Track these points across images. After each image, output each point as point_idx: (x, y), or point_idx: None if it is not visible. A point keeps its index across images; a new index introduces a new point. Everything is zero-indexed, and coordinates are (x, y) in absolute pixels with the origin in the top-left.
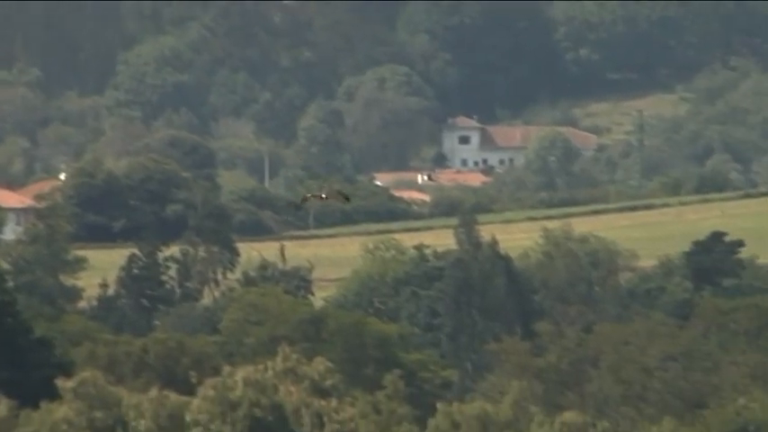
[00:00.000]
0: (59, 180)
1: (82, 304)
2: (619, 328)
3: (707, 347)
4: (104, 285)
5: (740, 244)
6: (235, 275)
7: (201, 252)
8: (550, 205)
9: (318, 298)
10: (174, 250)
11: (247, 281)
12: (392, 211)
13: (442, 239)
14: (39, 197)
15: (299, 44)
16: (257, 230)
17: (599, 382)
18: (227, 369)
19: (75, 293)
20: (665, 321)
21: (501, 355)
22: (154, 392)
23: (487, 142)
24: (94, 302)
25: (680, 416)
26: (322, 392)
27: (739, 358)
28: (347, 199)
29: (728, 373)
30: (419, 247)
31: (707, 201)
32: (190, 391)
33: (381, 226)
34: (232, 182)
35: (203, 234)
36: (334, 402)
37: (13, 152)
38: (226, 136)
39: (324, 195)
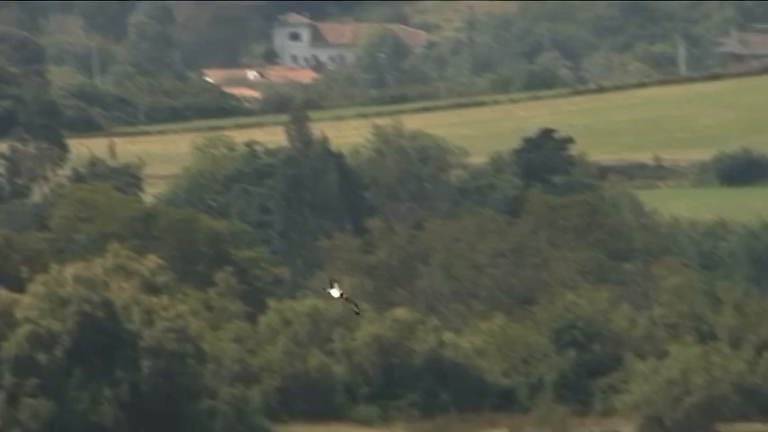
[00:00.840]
0: None
1: None
2: (449, 225)
3: (537, 244)
4: None
5: (570, 141)
6: (65, 172)
7: (31, 148)
8: (381, 102)
9: (149, 195)
10: (2, 147)
11: (77, 177)
12: (223, 108)
13: (272, 136)
14: None
15: None
16: (87, 127)
17: (430, 278)
18: (56, 266)
19: None
20: (496, 218)
21: (332, 252)
22: None
23: (318, 39)
24: None
25: (510, 312)
26: (153, 289)
27: (568, 254)
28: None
29: (558, 268)
30: (250, 144)
31: (537, 98)
32: (20, 287)
33: (212, 122)
34: (61, 78)
35: (33, 130)
36: (165, 299)
37: None
38: (55, 32)
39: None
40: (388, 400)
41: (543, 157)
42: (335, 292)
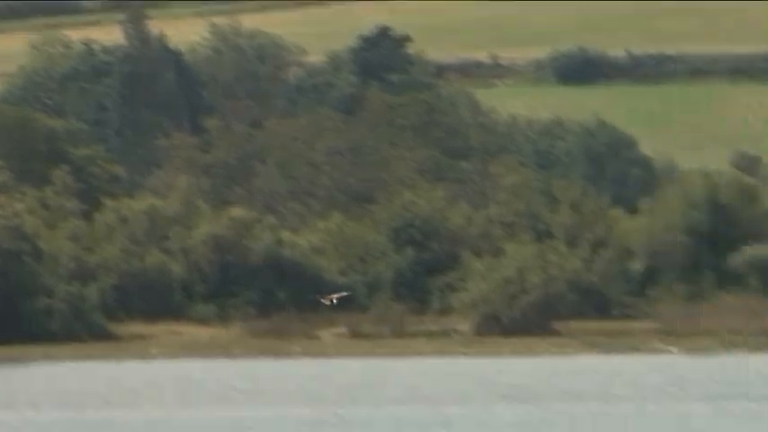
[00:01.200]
0: None
1: None
2: (287, 123)
3: (374, 142)
4: None
5: (407, 39)
6: None
7: None
8: (218, 0)
9: None
10: None
11: None
12: (59, 6)
13: (109, 35)
14: None
15: None
16: None
17: (267, 177)
18: None
19: None
20: (333, 116)
21: (169, 151)
22: None
23: None
24: None
25: (348, 210)
26: None
27: (406, 153)
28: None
29: (395, 167)
30: (86, 43)
31: None
32: None
33: (48, 20)
34: None
35: None
36: (1, 198)
37: None
38: None
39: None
40: (224, 299)
41: (381, 55)
42: (326, 301)
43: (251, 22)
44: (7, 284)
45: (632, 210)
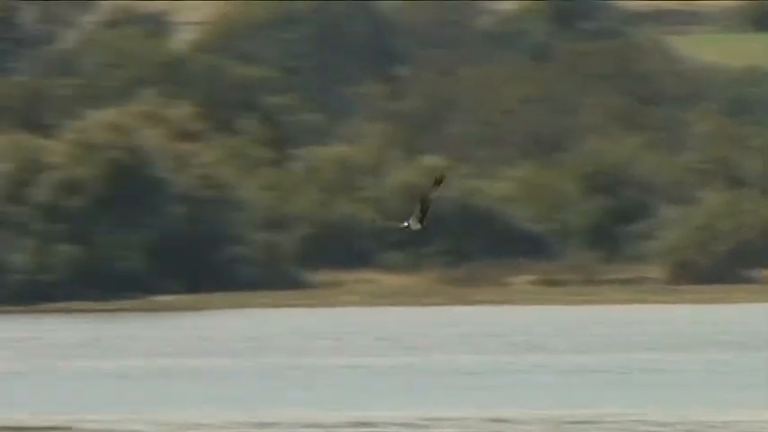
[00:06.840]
0: None
1: None
2: (479, 71)
3: (565, 90)
4: None
5: None
6: (94, 17)
7: None
8: None
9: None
10: None
11: (108, 23)
12: None
13: None
14: None
15: None
16: None
17: (459, 125)
18: (86, 112)
19: None
20: (524, 64)
21: (361, 99)
22: (13, 135)
23: None
24: None
25: (538, 158)
26: (184, 136)
27: (598, 101)
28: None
29: (587, 115)
30: None
31: None
32: (49, 134)
33: None
34: None
35: None
36: (195, 146)
37: None
38: None
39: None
40: (416, 247)
41: (573, 2)
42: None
43: None
44: (199, 233)
45: None
